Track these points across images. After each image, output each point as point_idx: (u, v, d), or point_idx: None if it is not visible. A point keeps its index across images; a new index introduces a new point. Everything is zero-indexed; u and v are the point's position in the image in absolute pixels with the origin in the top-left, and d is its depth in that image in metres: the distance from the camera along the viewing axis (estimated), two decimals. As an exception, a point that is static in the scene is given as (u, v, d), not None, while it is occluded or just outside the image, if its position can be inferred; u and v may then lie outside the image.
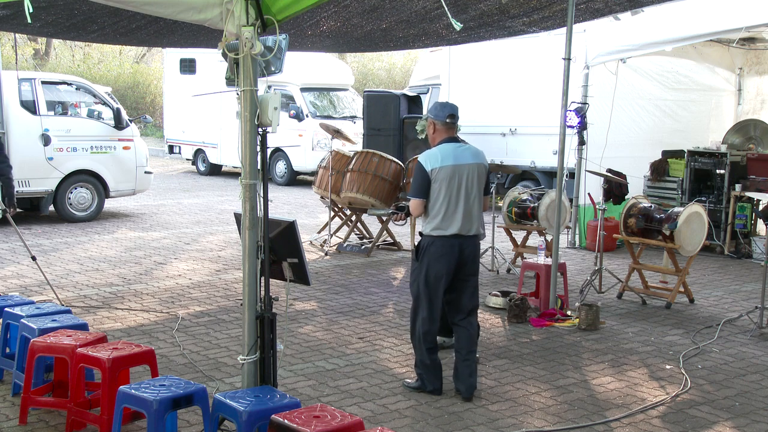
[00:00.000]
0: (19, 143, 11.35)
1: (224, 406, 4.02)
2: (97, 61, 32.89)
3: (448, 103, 5.47)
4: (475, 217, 5.27)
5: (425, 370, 5.31)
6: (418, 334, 5.32)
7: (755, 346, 6.59)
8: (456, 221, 5.19)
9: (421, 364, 5.32)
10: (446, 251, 5.20)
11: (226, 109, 17.33)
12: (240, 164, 4.31)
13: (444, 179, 5.17)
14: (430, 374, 5.30)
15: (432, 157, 5.22)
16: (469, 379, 5.24)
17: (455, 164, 5.20)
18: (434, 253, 5.22)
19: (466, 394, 5.23)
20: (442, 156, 5.21)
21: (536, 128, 12.06)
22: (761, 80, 12.22)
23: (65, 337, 4.77)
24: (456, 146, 5.28)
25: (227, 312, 7.29)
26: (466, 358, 5.27)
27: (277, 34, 4.26)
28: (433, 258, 5.22)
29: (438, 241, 5.21)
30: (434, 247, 5.22)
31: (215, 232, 11.59)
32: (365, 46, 9.63)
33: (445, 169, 5.17)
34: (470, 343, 5.33)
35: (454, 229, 5.19)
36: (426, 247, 5.26)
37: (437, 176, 5.18)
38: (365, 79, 32.32)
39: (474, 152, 5.33)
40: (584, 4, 7.03)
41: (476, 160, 5.30)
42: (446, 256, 5.21)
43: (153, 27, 7.36)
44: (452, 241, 5.21)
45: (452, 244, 5.21)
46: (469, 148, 5.35)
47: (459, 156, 5.23)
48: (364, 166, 9.94)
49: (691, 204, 7.94)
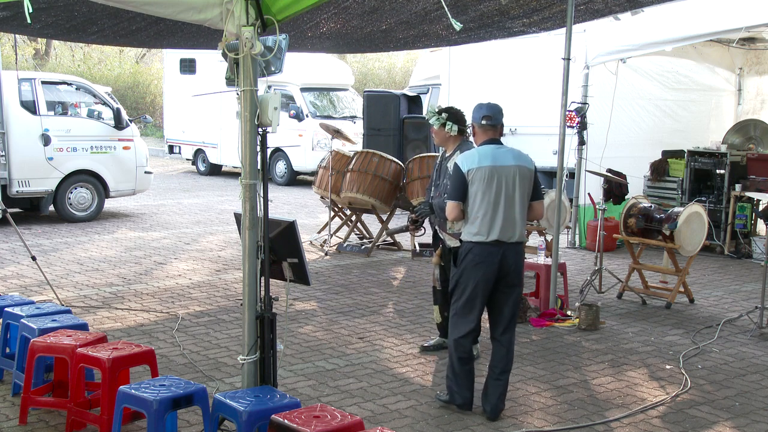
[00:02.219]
0: (19, 143, 11.35)
1: (224, 406, 4.02)
2: (97, 61, 32.89)
3: (485, 104, 5.20)
4: (517, 223, 4.95)
5: (455, 380, 5.02)
6: (451, 342, 5.06)
7: (755, 346, 6.59)
8: (496, 227, 4.88)
9: (452, 374, 5.04)
10: (485, 259, 4.90)
11: (226, 109, 17.32)
12: (240, 164, 4.31)
13: (481, 181, 4.89)
14: (460, 385, 5.01)
15: (469, 158, 4.97)
16: (497, 400, 4.99)
17: (494, 165, 4.91)
18: (472, 260, 4.92)
19: (492, 415, 4.97)
20: (480, 157, 4.95)
21: (536, 128, 12.04)
22: (761, 80, 12.23)
23: (65, 337, 4.77)
24: (496, 147, 5.02)
25: (227, 312, 7.29)
26: (499, 378, 5.01)
27: (277, 34, 4.26)
28: (471, 265, 4.93)
29: (477, 247, 4.92)
30: (472, 255, 4.93)
31: (215, 232, 11.59)
32: (365, 47, 9.64)
33: (482, 170, 4.89)
34: (506, 362, 5.04)
35: (494, 235, 4.89)
36: (465, 253, 4.97)
37: (474, 178, 4.90)
38: (365, 79, 32.31)
39: (516, 154, 5.03)
40: (584, 5, 7.04)
41: (518, 162, 4.98)
42: (485, 263, 4.90)
43: (153, 29, 7.36)
44: (492, 248, 4.90)
45: (492, 252, 4.90)
46: (510, 150, 5.06)
47: (498, 157, 4.95)
48: (364, 166, 9.94)
49: (691, 204, 7.95)
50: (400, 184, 10.08)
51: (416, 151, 12.22)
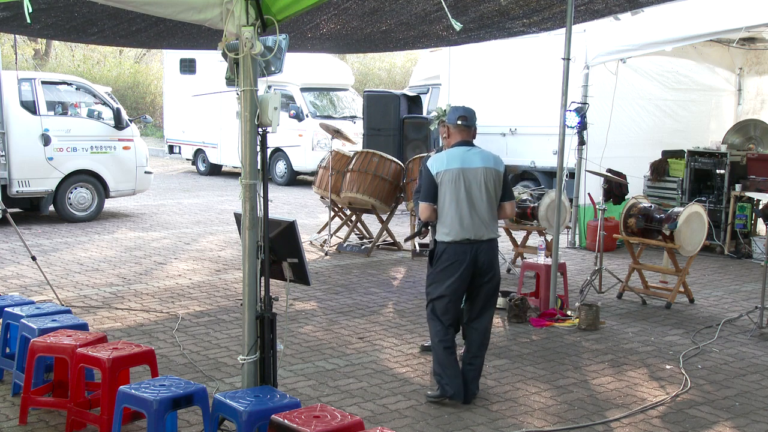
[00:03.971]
0: (19, 143, 11.36)
1: (224, 406, 4.02)
2: (97, 62, 32.88)
3: (460, 106, 5.37)
4: (486, 222, 5.13)
5: (443, 372, 5.14)
6: (433, 337, 5.24)
7: (755, 346, 6.59)
8: (466, 226, 5.07)
9: (439, 366, 5.16)
10: (458, 257, 5.09)
11: (226, 109, 17.33)
12: (240, 164, 4.31)
13: (449, 182, 5.08)
14: (449, 375, 5.12)
15: (438, 161, 5.16)
16: (471, 384, 5.19)
17: (461, 167, 5.09)
18: (447, 259, 5.12)
19: (466, 399, 5.16)
20: (448, 159, 5.13)
21: (536, 128, 12.05)
22: (761, 80, 12.23)
23: (65, 337, 4.77)
24: (465, 149, 5.18)
25: (227, 312, 7.29)
26: (472, 363, 5.22)
27: (277, 34, 4.26)
28: (445, 263, 5.13)
29: (450, 247, 5.11)
30: (446, 254, 5.12)
31: (215, 232, 11.59)
32: (365, 47, 9.64)
33: (450, 173, 5.09)
34: (479, 347, 5.26)
35: (465, 234, 5.07)
36: (440, 253, 5.16)
37: (442, 179, 5.10)
38: (365, 79, 32.32)
39: (485, 156, 5.19)
40: (584, 5, 7.04)
41: (485, 164, 5.15)
42: (459, 262, 5.09)
43: (153, 30, 7.36)
44: (465, 246, 5.09)
45: (465, 250, 5.09)
46: (480, 152, 5.20)
47: (467, 159, 5.12)
48: (364, 166, 9.94)
49: (691, 204, 7.94)
50: (400, 184, 10.08)
51: (416, 151, 12.23)
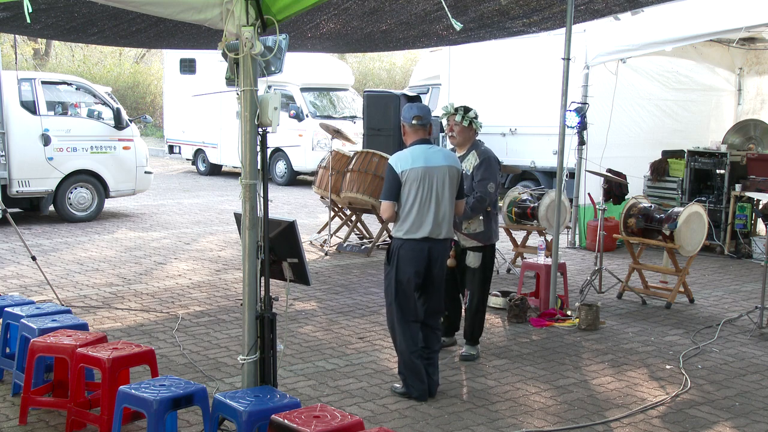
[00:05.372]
0: (19, 143, 11.36)
1: (224, 406, 4.02)
2: (97, 62, 32.88)
3: (416, 104, 5.44)
4: (446, 221, 5.23)
5: (409, 375, 5.24)
6: (399, 339, 5.29)
7: (755, 346, 6.59)
8: (426, 224, 5.15)
9: (404, 368, 5.27)
10: (416, 254, 5.17)
11: (226, 109, 17.33)
12: (240, 164, 4.31)
13: (414, 181, 5.12)
14: (413, 377, 5.22)
15: (402, 159, 5.19)
16: (433, 377, 5.29)
17: (426, 166, 5.14)
18: (404, 255, 5.18)
19: (432, 391, 5.27)
20: (412, 158, 5.17)
21: (536, 128, 12.06)
22: (761, 80, 12.23)
23: (65, 337, 4.78)
24: (427, 148, 5.24)
25: (227, 312, 7.29)
26: (429, 357, 5.30)
27: (277, 34, 4.26)
28: (403, 261, 5.19)
29: (407, 244, 5.18)
30: (404, 250, 5.19)
31: (215, 232, 11.59)
32: (365, 46, 9.63)
33: (415, 171, 5.13)
34: (434, 342, 5.36)
35: (424, 232, 5.15)
36: (396, 249, 5.22)
37: (407, 178, 5.13)
38: (365, 79, 32.32)
39: (446, 154, 5.30)
40: (584, 5, 7.04)
41: (448, 162, 5.24)
42: (416, 259, 5.17)
43: (153, 30, 7.35)
44: (422, 244, 5.17)
45: (422, 248, 5.17)
46: (441, 151, 5.31)
47: (430, 158, 5.18)
48: (364, 166, 9.94)
49: (691, 204, 7.95)
50: (400, 184, 10.06)
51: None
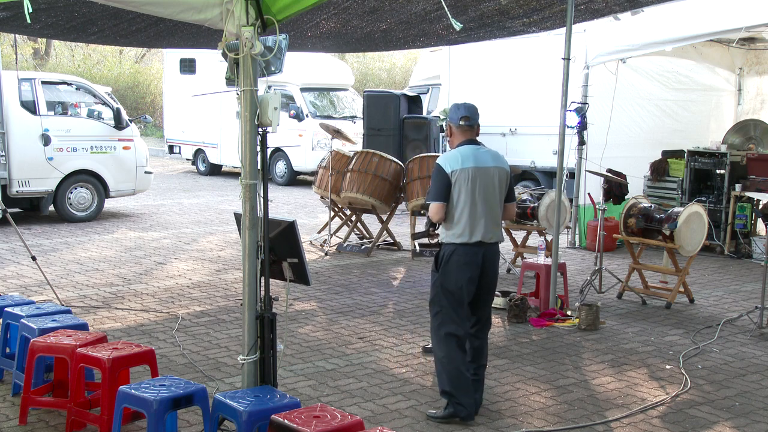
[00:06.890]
0: (19, 143, 11.36)
1: (224, 406, 4.02)
2: (97, 62, 32.88)
3: (463, 104, 5.12)
4: (498, 224, 5.00)
5: (458, 391, 4.85)
6: (446, 351, 4.92)
7: (755, 346, 6.59)
8: (479, 228, 4.89)
9: (450, 385, 4.87)
10: (470, 260, 4.89)
11: (226, 109, 17.33)
12: (240, 164, 4.31)
13: (465, 182, 4.88)
14: (462, 392, 4.85)
15: (452, 159, 4.93)
16: (479, 396, 5.02)
17: (476, 166, 4.90)
18: (457, 261, 4.89)
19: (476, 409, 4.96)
20: (462, 158, 4.92)
21: (536, 128, 12.06)
22: (761, 80, 12.23)
23: (65, 337, 4.77)
24: (476, 148, 4.99)
25: (227, 312, 7.29)
26: (476, 373, 5.03)
27: (277, 34, 4.26)
28: (455, 267, 4.89)
29: (461, 248, 4.89)
30: (456, 255, 4.90)
31: (215, 232, 11.59)
32: (365, 46, 9.64)
33: (465, 172, 4.88)
34: (482, 356, 5.10)
35: (477, 236, 4.89)
36: (448, 255, 4.92)
37: (457, 179, 4.88)
38: (365, 79, 32.33)
39: (494, 155, 5.04)
40: (584, 5, 7.04)
41: (497, 164, 5.00)
42: (470, 265, 4.89)
43: (153, 30, 7.35)
44: (476, 248, 4.90)
45: (476, 252, 4.90)
46: (489, 151, 5.04)
47: (480, 158, 4.94)
48: (364, 166, 9.94)
49: (691, 204, 7.94)
50: (400, 184, 10.08)
51: (416, 151, 12.21)
